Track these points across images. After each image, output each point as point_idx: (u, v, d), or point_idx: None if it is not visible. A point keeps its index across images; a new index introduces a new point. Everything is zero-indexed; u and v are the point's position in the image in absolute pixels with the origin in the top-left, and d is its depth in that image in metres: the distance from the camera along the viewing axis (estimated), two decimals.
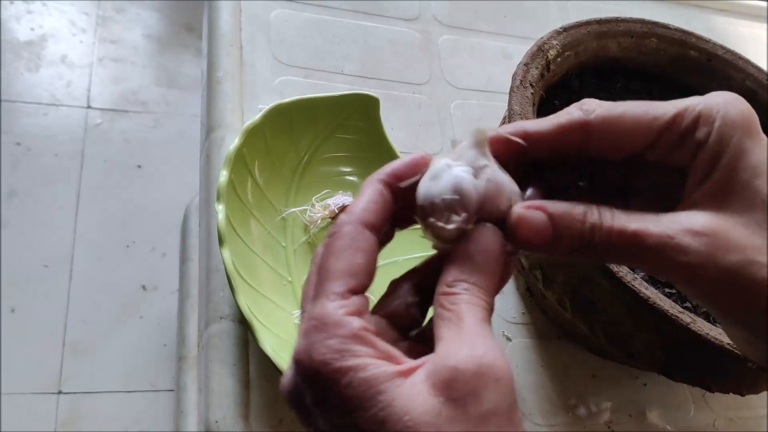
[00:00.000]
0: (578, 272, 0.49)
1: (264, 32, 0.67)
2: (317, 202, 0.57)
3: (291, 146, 0.58)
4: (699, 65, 0.62)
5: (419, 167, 0.30)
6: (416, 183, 0.29)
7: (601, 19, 0.60)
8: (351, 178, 0.60)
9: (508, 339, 0.57)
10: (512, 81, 0.53)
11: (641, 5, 0.89)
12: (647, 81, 0.62)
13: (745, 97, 0.66)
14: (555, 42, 0.57)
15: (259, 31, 0.67)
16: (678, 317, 0.44)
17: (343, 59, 0.69)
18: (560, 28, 0.58)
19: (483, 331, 0.25)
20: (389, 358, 0.26)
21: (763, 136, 0.29)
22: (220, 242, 0.47)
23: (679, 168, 0.30)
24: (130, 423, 1.19)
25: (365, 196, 0.29)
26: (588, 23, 0.59)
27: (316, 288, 0.28)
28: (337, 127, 0.60)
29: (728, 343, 0.44)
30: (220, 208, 0.49)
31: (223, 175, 0.50)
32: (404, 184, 0.29)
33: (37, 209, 1.34)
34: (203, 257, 0.56)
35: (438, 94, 0.70)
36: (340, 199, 0.56)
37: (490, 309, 0.27)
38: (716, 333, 0.44)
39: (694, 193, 0.29)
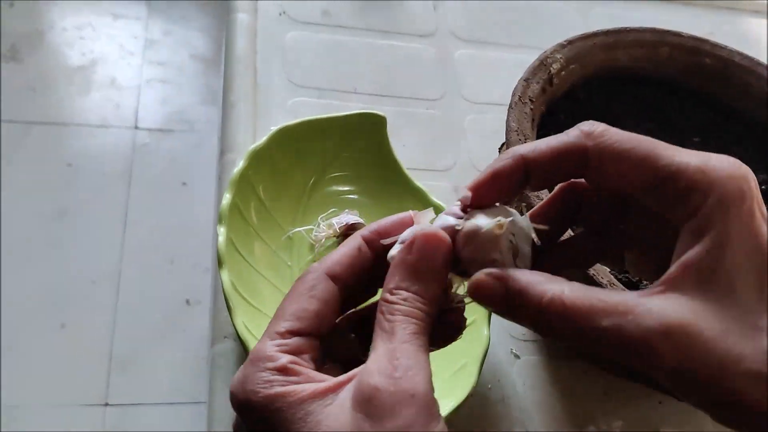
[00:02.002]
0: None
1: (279, 55, 0.69)
2: (323, 221, 0.57)
3: (298, 167, 0.59)
4: (715, 73, 0.60)
5: (404, 226, 0.31)
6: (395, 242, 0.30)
7: (608, 31, 0.59)
8: (358, 196, 0.61)
9: (517, 356, 0.57)
10: (511, 97, 0.53)
11: (668, 10, 0.87)
12: (659, 89, 0.61)
13: (764, 104, 0.64)
14: (558, 55, 0.56)
15: (274, 53, 0.69)
16: None
17: (356, 78, 0.70)
18: (565, 41, 0.57)
19: (410, 347, 0.26)
20: (320, 383, 0.26)
21: (758, 219, 0.27)
22: (220, 264, 0.49)
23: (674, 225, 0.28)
24: None
25: (342, 249, 0.31)
26: (595, 35, 0.58)
27: (267, 327, 0.29)
28: (345, 147, 0.60)
29: None
30: (221, 231, 0.50)
31: (226, 198, 0.52)
32: (386, 241, 0.31)
33: (86, 227, 1.40)
34: (214, 277, 0.57)
35: (452, 109, 0.70)
36: (345, 218, 0.57)
37: (430, 319, 0.28)
38: None
39: (672, 268, 0.27)
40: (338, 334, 0.31)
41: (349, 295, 0.31)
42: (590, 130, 0.29)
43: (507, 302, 0.28)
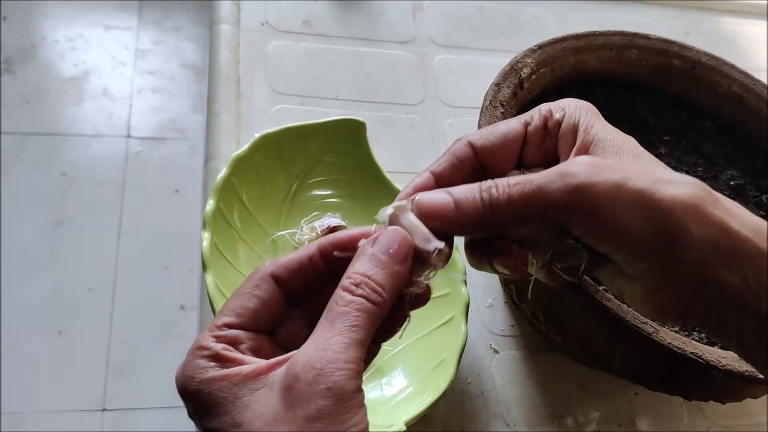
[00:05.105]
0: (548, 286, 0.50)
1: (261, 64, 0.71)
2: (305, 224, 0.59)
3: (281, 172, 0.61)
4: (683, 73, 0.62)
5: (356, 241, 0.32)
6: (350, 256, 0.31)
7: (577, 35, 0.61)
8: (340, 200, 0.62)
9: (496, 351, 0.58)
10: (483, 101, 0.54)
11: (645, 12, 0.89)
12: (630, 91, 0.63)
13: (732, 102, 0.66)
14: (529, 60, 0.58)
15: (257, 63, 0.71)
16: (640, 327, 0.45)
17: (338, 85, 0.72)
18: (535, 45, 0.59)
19: (341, 340, 0.27)
20: (248, 366, 0.28)
21: (600, 117, 0.36)
22: (204, 268, 0.51)
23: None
24: None
25: (293, 255, 0.32)
26: (564, 39, 0.60)
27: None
28: (327, 152, 0.62)
29: (691, 352, 0.44)
30: (205, 236, 0.52)
31: (210, 204, 0.54)
32: (339, 254, 0.32)
33: (81, 235, 1.42)
34: (202, 281, 0.59)
35: (432, 114, 0.72)
36: (327, 221, 0.59)
37: (379, 311, 0.29)
38: (679, 342, 0.45)
39: (568, 157, 0.35)
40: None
41: (297, 298, 0.33)
42: (467, 137, 0.37)
43: (452, 211, 0.32)
